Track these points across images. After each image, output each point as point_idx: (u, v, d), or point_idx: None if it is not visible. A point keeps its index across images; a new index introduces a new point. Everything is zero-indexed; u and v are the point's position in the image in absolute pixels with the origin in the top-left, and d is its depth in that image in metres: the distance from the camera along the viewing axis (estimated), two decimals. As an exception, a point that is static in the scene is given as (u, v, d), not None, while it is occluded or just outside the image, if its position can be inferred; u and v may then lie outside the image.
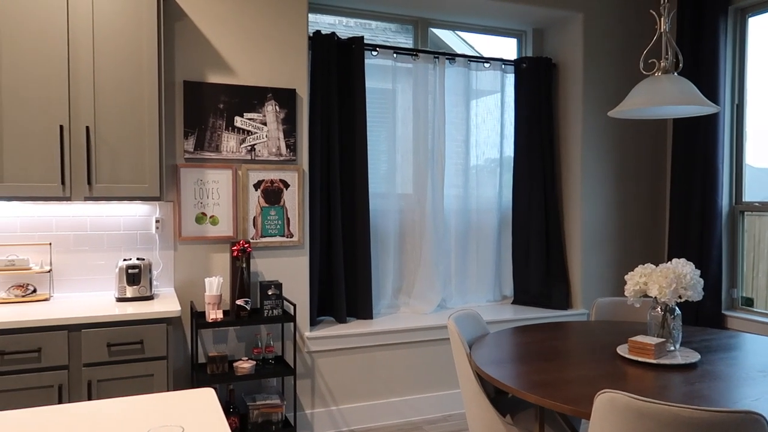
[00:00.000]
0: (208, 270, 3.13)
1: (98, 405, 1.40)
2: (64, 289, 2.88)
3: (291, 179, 3.25)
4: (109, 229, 2.94)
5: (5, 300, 2.64)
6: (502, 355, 2.33)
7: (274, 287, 3.03)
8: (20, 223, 2.80)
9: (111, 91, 2.64)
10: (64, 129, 2.57)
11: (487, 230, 4.12)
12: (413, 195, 3.88)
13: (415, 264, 3.88)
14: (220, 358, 2.94)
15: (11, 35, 2.48)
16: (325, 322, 3.55)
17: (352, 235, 3.60)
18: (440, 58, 3.86)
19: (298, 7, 3.26)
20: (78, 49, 2.58)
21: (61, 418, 1.32)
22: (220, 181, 3.11)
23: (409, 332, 3.52)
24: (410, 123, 3.85)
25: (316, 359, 3.35)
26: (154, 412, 1.36)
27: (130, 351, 2.47)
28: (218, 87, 3.09)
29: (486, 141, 4.11)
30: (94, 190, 2.62)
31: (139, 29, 2.67)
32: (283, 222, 3.24)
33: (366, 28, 4.03)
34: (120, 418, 1.32)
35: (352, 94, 3.57)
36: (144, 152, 2.70)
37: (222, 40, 3.11)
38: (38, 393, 2.34)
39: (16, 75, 2.50)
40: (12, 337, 2.31)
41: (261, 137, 3.18)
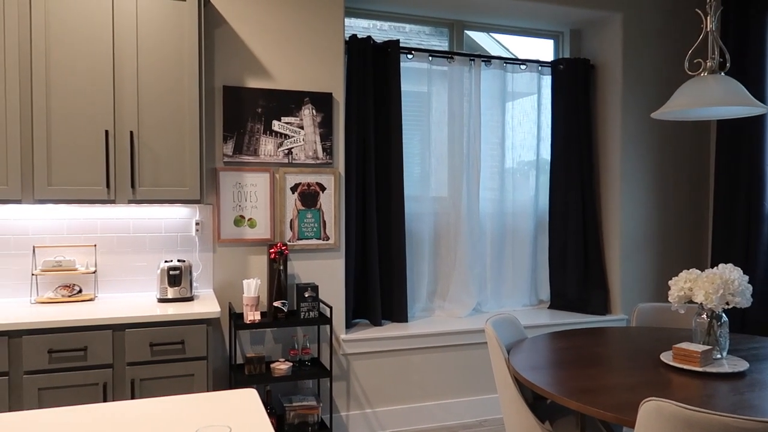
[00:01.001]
0: (246, 272, 3.17)
1: (146, 404, 1.43)
2: (107, 290, 2.95)
3: (327, 182, 3.28)
4: (151, 232, 3.01)
5: (53, 300, 2.72)
6: (541, 360, 2.30)
7: (310, 289, 3.05)
8: (67, 225, 2.89)
9: (154, 97, 2.71)
10: (109, 134, 2.64)
11: (523, 233, 4.08)
12: (448, 198, 3.87)
13: (450, 267, 3.87)
14: (258, 359, 2.97)
15: (60, 44, 2.57)
16: (360, 325, 3.56)
17: (387, 238, 3.60)
18: (476, 60, 3.84)
19: (335, 12, 3.29)
20: (122, 56, 2.66)
21: (111, 416, 1.35)
22: (257, 184, 3.15)
23: (444, 336, 3.50)
24: (445, 126, 3.84)
25: (352, 362, 3.36)
26: (199, 411, 1.38)
27: (172, 351, 2.52)
28: (256, 91, 3.13)
29: (522, 143, 4.07)
30: (137, 193, 2.69)
31: (181, 36, 2.73)
32: (319, 225, 3.27)
33: (400, 32, 4.04)
34: (168, 417, 1.35)
35: (388, 98, 3.57)
36: (185, 156, 2.76)
37: (260, 46, 3.16)
38: (84, 390, 2.41)
39: (64, 82, 2.58)
40: (60, 336, 2.38)
41: (298, 141, 3.22)
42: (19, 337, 2.33)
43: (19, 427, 1.28)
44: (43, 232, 2.85)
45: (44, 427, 1.28)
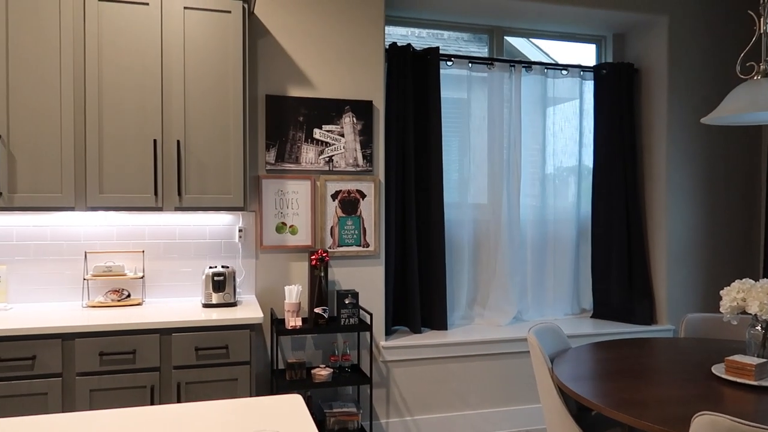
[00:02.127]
0: (287, 278, 3.21)
1: (196, 408, 1.46)
2: (154, 295, 3.03)
3: (367, 189, 3.29)
4: (196, 238, 3.08)
5: (103, 304, 2.81)
6: (586, 370, 2.26)
7: (350, 296, 3.07)
8: (117, 231, 2.98)
9: (200, 107, 2.77)
10: (157, 143, 2.72)
11: (565, 241, 4.01)
12: (488, 205, 3.84)
13: (490, 275, 3.83)
14: (299, 365, 3.00)
15: (112, 57, 2.66)
16: (399, 332, 3.56)
17: (426, 245, 3.59)
18: (516, 66, 3.81)
19: (376, 21, 3.32)
20: (170, 68, 2.74)
21: (163, 419, 1.39)
22: (299, 191, 3.19)
23: (484, 344, 3.47)
24: (485, 132, 3.82)
25: (391, 369, 3.36)
26: (247, 416, 1.40)
27: (216, 355, 2.56)
28: (298, 100, 3.18)
29: (564, 149, 4.01)
30: (183, 200, 2.76)
31: (226, 48, 2.80)
32: (359, 232, 3.29)
33: (438, 38, 4.04)
34: (218, 421, 1.37)
35: (427, 105, 3.58)
36: (229, 164, 2.82)
37: (302, 55, 3.21)
38: (132, 393, 2.48)
39: (116, 94, 2.67)
40: (110, 339, 2.45)
41: (339, 148, 3.25)
42: (72, 340, 2.42)
43: (73, 428, 1.32)
44: (94, 238, 2.95)
45: (97, 428, 1.32)
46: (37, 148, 2.59)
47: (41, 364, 2.38)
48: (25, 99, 2.58)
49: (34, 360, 2.37)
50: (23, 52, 2.57)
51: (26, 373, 2.37)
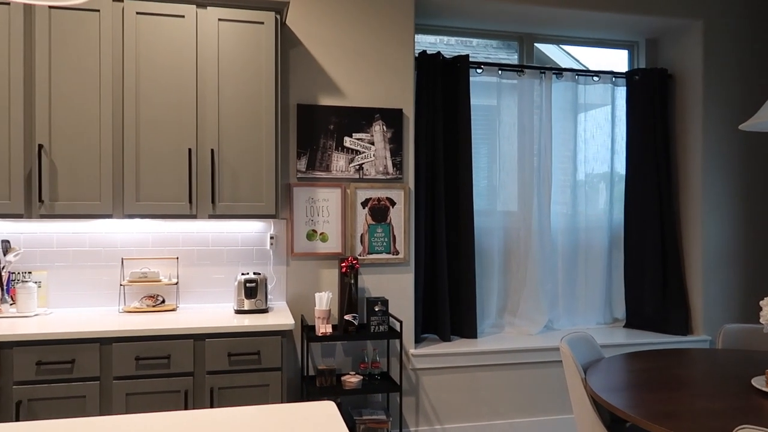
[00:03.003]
0: (318, 285, 3.24)
1: (231, 413, 1.48)
2: (187, 300, 3.09)
3: (397, 197, 3.31)
4: (228, 245, 3.13)
5: (138, 309, 2.87)
6: (620, 381, 2.22)
7: (380, 303, 3.07)
8: (152, 238, 3.05)
9: (233, 116, 2.83)
10: (192, 152, 2.78)
11: (597, 249, 3.95)
12: (518, 213, 3.81)
13: (520, 283, 3.80)
14: (329, 372, 3.02)
15: (148, 69, 2.73)
16: (428, 340, 3.55)
17: (456, 252, 3.59)
18: (546, 73, 3.78)
19: (406, 30, 3.34)
20: (205, 79, 2.80)
21: (200, 424, 1.41)
22: (329, 199, 3.22)
23: (515, 353, 3.44)
24: (515, 139, 3.80)
25: (421, 377, 3.35)
26: (282, 422, 1.42)
27: (248, 361, 2.60)
28: (329, 109, 3.22)
29: (595, 156, 3.97)
30: (217, 208, 2.81)
31: (259, 58, 2.85)
32: (389, 239, 3.30)
33: (467, 46, 4.04)
34: (254, 426, 1.39)
35: (457, 112, 3.58)
36: (261, 173, 2.86)
37: (333, 64, 3.24)
38: (167, 397, 2.52)
39: (152, 105, 2.74)
40: (146, 344, 2.50)
41: (369, 156, 3.27)
42: (109, 345, 2.48)
43: (110, 431, 1.35)
44: (130, 245, 3.02)
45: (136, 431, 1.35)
46: (77, 158, 2.67)
47: (80, 367, 2.44)
48: (67, 110, 2.66)
49: (74, 363, 2.44)
50: (65, 65, 2.66)
51: (66, 376, 2.43)
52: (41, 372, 2.41)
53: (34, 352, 2.40)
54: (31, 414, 2.40)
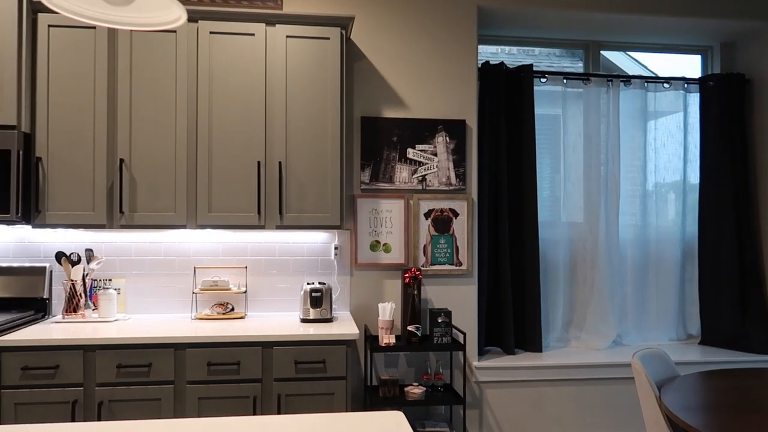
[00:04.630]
0: (381, 295, 3.26)
1: (305, 419, 1.52)
2: (255, 309, 3.18)
3: (460, 208, 3.29)
4: (294, 255, 3.20)
5: (209, 316, 2.98)
6: (698, 400, 2.12)
7: (443, 315, 3.06)
8: (222, 248, 3.16)
9: (300, 130, 2.90)
10: (261, 165, 2.87)
11: (669, 262, 3.80)
12: (584, 224, 3.72)
13: (587, 296, 3.69)
14: (392, 382, 3.03)
15: (220, 85, 2.85)
16: (492, 353, 3.50)
17: (519, 264, 3.53)
18: (614, 81, 3.69)
19: (469, 41, 3.34)
20: (273, 94, 2.89)
21: (277, 429, 1.45)
22: (392, 210, 3.24)
23: (582, 368, 3.34)
24: (580, 149, 3.71)
25: (485, 390, 3.30)
26: (352, 430, 1.44)
27: (314, 369, 2.64)
28: (392, 121, 3.25)
29: (666, 166, 3.82)
30: (284, 219, 2.88)
31: (325, 72, 2.92)
32: (452, 250, 3.29)
33: (529, 55, 4.00)
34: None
35: (521, 123, 3.54)
36: (327, 184, 2.92)
37: (396, 77, 3.28)
38: (237, 402, 2.60)
39: (224, 120, 2.85)
40: (217, 350, 2.59)
41: (432, 168, 3.28)
42: (183, 350, 2.58)
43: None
44: (201, 254, 3.14)
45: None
46: (154, 171, 2.81)
47: (156, 371, 2.55)
48: (145, 127, 2.81)
49: (150, 367, 2.55)
50: (144, 84, 2.81)
51: (143, 379, 2.55)
52: (121, 375, 2.53)
53: (114, 356, 2.53)
54: (111, 414, 2.53)
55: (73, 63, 2.78)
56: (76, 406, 2.50)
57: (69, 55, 2.77)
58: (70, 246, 3.05)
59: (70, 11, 1.04)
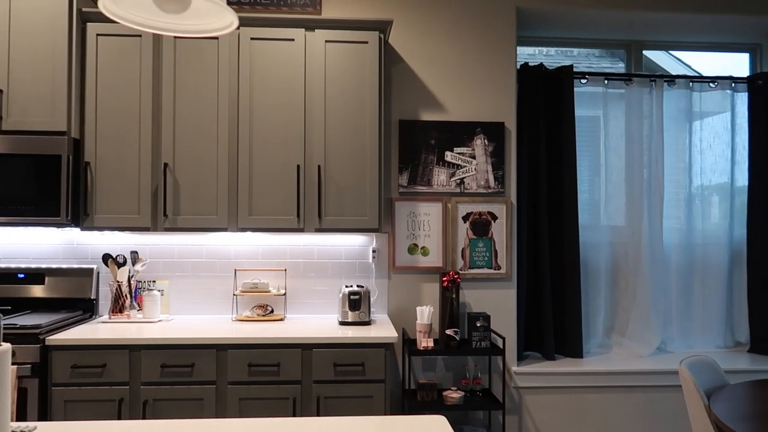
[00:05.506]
0: (419, 299, 3.25)
1: (348, 422, 1.52)
2: (294, 311, 3.21)
3: (499, 211, 3.26)
4: (332, 258, 3.22)
5: (249, 318, 3.02)
6: (750, 410, 2.05)
7: (482, 319, 3.03)
8: (262, 251, 3.20)
9: (338, 134, 2.92)
10: (300, 168, 2.90)
11: (715, 267, 3.68)
12: (626, 227, 3.63)
13: (630, 301, 3.61)
14: (430, 386, 3.01)
15: (260, 90, 2.89)
16: (531, 358, 3.45)
17: (560, 268, 3.47)
18: (657, 81, 3.60)
19: (507, 43, 3.31)
20: (312, 98, 2.92)
21: (318, 430, 1.46)
22: (430, 213, 3.23)
23: (625, 375, 3.26)
24: (622, 151, 3.64)
25: (524, 395, 3.26)
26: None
27: (353, 372, 2.65)
28: (430, 124, 3.24)
29: (713, 168, 3.71)
30: (323, 222, 2.91)
31: (363, 76, 2.93)
32: (490, 254, 3.26)
33: (568, 56, 3.94)
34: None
35: (560, 125, 3.48)
36: (365, 188, 2.93)
37: (434, 80, 3.28)
38: (276, 403, 2.62)
39: (264, 124, 2.89)
40: (257, 352, 2.62)
41: (470, 170, 3.26)
42: (225, 351, 2.62)
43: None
44: (241, 256, 3.19)
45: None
46: (197, 175, 2.87)
47: (198, 371, 2.60)
48: (188, 133, 2.87)
49: (193, 368, 2.60)
50: (187, 90, 2.87)
51: (186, 379, 2.60)
52: (165, 374, 2.59)
53: (158, 356, 2.59)
54: (156, 413, 2.59)
55: (120, 70, 2.86)
56: (122, 404, 2.56)
57: (116, 62, 2.86)
58: (116, 248, 3.14)
59: (129, 20, 1.07)
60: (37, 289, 3.02)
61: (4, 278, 3.01)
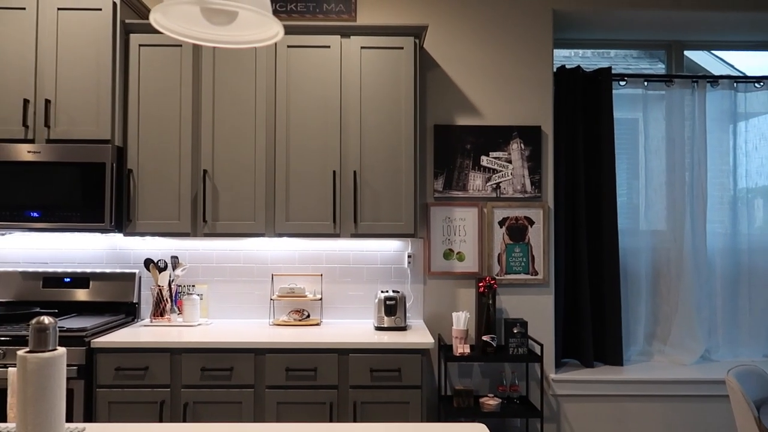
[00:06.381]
0: (454, 304, 3.23)
1: (390, 429, 1.52)
2: (329, 316, 3.22)
3: (536, 216, 3.22)
4: (368, 263, 3.23)
5: (287, 323, 3.05)
6: (804, 423, 1.97)
7: (519, 325, 3.00)
8: (298, 256, 3.23)
9: (374, 139, 2.93)
10: (336, 174, 2.92)
11: (762, 272, 3.55)
12: (667, 232, 3.54)
13: (672, 308, 3.51)
14: (466, 393, 2.99)
15: (297, 98, 2.93)
16: (569, 365, 3.39)
17: (599, 274, 3.41)
18: (699, 81, 3.51)
19: (544, 45, 3.28)
20: (348, 104, 2.93)
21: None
22: (466, 218, 3.21)
23: (668, 384, 3.18)
24: (663, 153, 3.55)
25: (562, 403, 3.20)
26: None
27: (389, 377, 2.65)
28: (465, 128, 3.23)
29: (759, 170, 3.59)
30: (358, 227, 2.92)
31: (398, 82, 2.94)
32: (527, 259, 3.22)
33: (604, 57, 3.87)
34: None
35: (598, 128, 3.42)
36: (401, 193, 2.93)
37: (470, 84, 3.26)
38: (313, 408, 2.64)
39: (300, 131, 2.92)
40: (295, 356, 2.64)
41: (506, 175, 3.23)
42: (263, 355, 2.65)
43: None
44: (278, 261, 3.22)
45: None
46: (235, 182, 2.92)
47: (237, 375, 2.63)
48: (227, 140, 2.92)
49: (232, 371, 2.64)
50: (226, 98, 2.93)
51: (225, 383, 2.63)
52: (204, 377, 2.63)
53: (198, 359, 2.63)
54: (195, 416, 2.63)
55: (161, 79, 2.93)
56: (163, 406, 2.62)
57: (157, 72, 2.93)
58: (157, 253, 3.21)
59: (179, 33, 1.09)
60: (82, 292, 3.11)
61: (52, 282, 3.11)
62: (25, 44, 2.84)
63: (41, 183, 2.80)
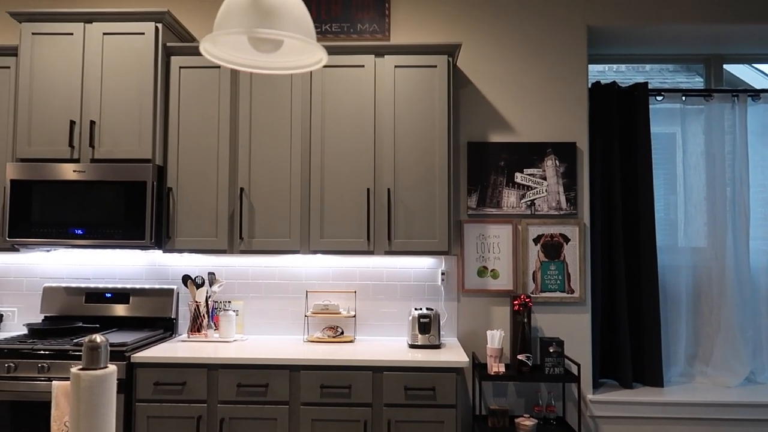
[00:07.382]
0: (489, 322, 3.20)
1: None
2: (363, 333, 3.23)
3: (571, 233, 3.18)
4: (401, 280, 3.23)
5: (321, 339, 3.06)
6: None
7: (555, 344, 2.95)
8: (332, 273, 3.25)
9: (407, 157, 2.95)
10: (370, 192, 2.94)
11: (810, 292, 3.43)
12: (708, 249, 3.45)
13: (714, 328, 3.41)
14: (501, 413, 2.95)
15: (332, 117, 2.97)
16: (607, 386, 3.32)
17: (637, 292, 3.33)
18: (740, 95, 3.43)
19: (578, 61, 3.26)
20: (382, 122, 2.96)
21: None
22: (500, 235, 3.19)
23: (712, 407, 3.07)
24: (702, 169, 3.47)
25: (600, 425, 3.13)
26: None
27: (424, 396, 2.63)
28: (499, 145, 3.22)
29: (804, 186, 3.48)
30: (392, 245, 2.92)
31: (432, 100, 2.95)
32: (563, 277, 3.17)
33: (639, 72, 3.82)
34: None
35: (635, 143, 3.37)
36: (434, 210, 2.93)
37: (503, 101, 3.26)
38: (348, 426, 2.63)
39: (335, 148, 2.96)
40: (329, 373, 2.65)
41: (541, 192, 3.20)
42: (297, 372, 2.66)
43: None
44: (312, 278, 3.25)
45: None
46: (271, 199, 2.96)
47: (272, 391, 2.65)
48: (263, 158, 2.97)
49: (267, 387, 2.66)
50: (262, 117, 2.98)
51: (260, 399, 2.65)
52: (240, 393, 2.65)
53: (234, 375, 2.66)
54: (232, 431, 2.65)
55: (200, 100, 3.01)
56: (200, 422, 2.65)
57: (196, 92, 3.01)
58: (194, 270, 3.27)
59: (228, 61, 1.13)
60: (121, 308, 3.19)
61: (94, 298, 3.20)
62: (72, 68, 2.96)
63: (85, 201, 2.89)
